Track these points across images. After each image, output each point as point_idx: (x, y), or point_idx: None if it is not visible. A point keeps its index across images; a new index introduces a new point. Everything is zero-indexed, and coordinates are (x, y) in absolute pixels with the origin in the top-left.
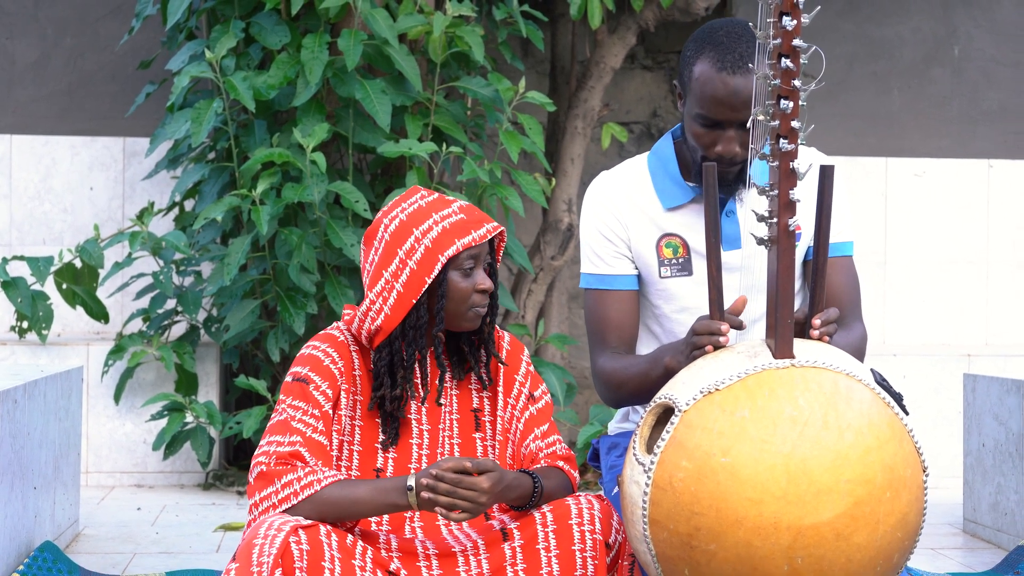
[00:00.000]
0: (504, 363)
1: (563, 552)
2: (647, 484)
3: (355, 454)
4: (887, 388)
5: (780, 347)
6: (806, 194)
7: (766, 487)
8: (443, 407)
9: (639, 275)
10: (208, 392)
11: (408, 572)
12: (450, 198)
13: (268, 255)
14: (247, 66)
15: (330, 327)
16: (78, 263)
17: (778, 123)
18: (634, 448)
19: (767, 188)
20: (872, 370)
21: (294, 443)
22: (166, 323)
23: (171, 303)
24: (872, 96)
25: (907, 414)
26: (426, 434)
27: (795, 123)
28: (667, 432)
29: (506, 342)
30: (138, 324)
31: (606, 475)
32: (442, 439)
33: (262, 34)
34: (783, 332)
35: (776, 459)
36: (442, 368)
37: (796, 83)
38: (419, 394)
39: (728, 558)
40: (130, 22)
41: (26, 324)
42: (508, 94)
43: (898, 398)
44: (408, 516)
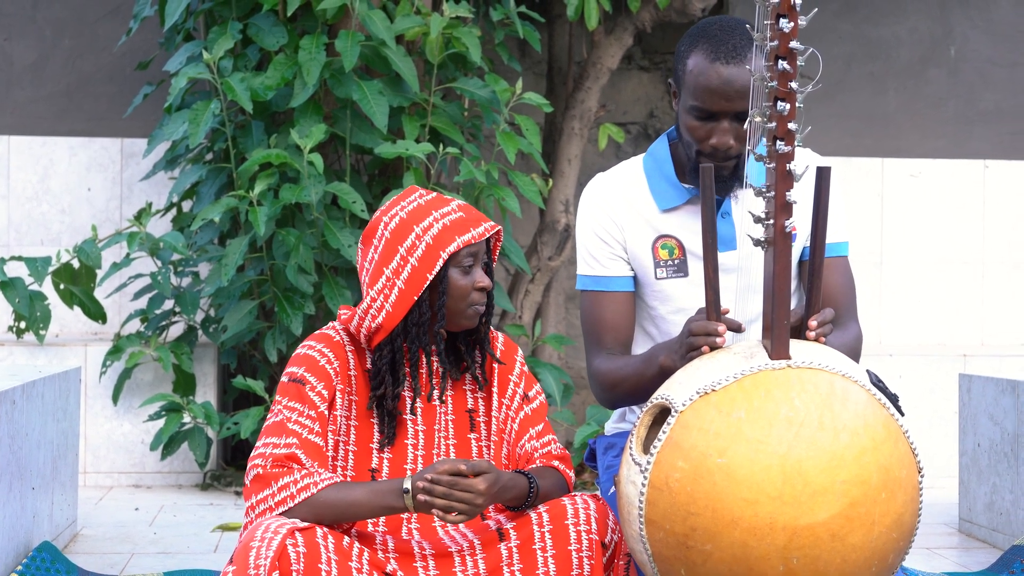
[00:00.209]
0: (500, 361)
1: (559, 552)
2: (643, 484)
3: (350, 454)
4: (883, 389)
5: (776, 348)
6: (802, 195)
7: (762, 488)
8: (438, 408)
9: (635, 276)
10: (206, 392)
11: (405, 573)
12: (448, 197)
13: (266, 256)
14: (245, 67)
15: (325, 327)
16: (76, 263)
17: (775, 125)
18: (630, 448)
19: (764, 189)
20: (868, 371)
21: (290, 445)
22: (164, 324)
23: (169, 304)
24: (868, 96)
25: (902, 415)
26: (421, 435)
27: (792, 125)
28: (663, 433)
29: (500, 343)
30: (136, 325)
31: (603, 475)
32: (437, 439)
33: (259, 35)
34: (779, 333)
35: (772, 460)
36: (444, 365)
37: (793, 85)
38: (423, 392)
39: (724, 558)
40: (128, 23)
41: (24, 324)
42: (505, 95)
43: (893, 399)
44: (405, 517)
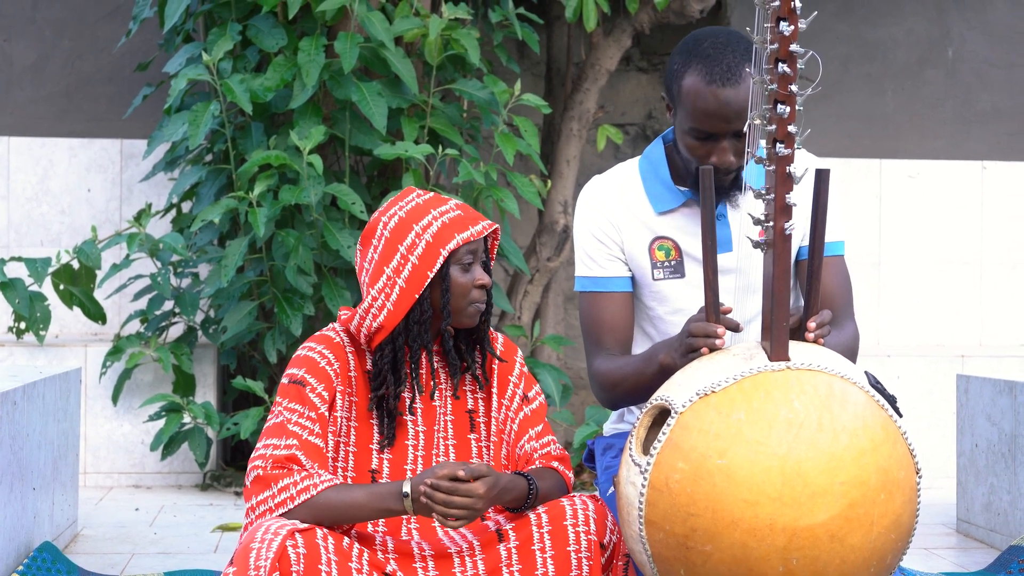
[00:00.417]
0: (502, 359)
1: (558, 553)
2: (643, 485)
3: (350, 455)
4: (881, 390)
5: (776, 350)
6: (799, 195)
7: (762, 489)
8: (438, 408)
9: (633, 277)
10: (206, 393)
11: (404, 573)
12: (445, 196)
13: (265, 257)
14: (244, 69)
15: (325, 328)
16: (76, 264)
17: (775, 128)
18: (630, 449)
19: (763, 192)
20: (866, 372)
21: (290, 446)
22: (164, 324)
23: (169, 304)
24: (866, 98)
25: (900, 416)
26: (421, 435)
27: (792, 128)
28: (663, 434)
29: (500, 344)
30: (136, 325)
31: (601, 476)
32: (437, 440)
33: (259, 37)
34: (779, 335)
35: (772, 461)
36: (454, 361)
37: (793, 88)
38: (423, 391)
39: (724, 559)
40: (127, 24)
41: (24, 325)
42: (504, 96)
43: (892, 400)
44: (404, 518)
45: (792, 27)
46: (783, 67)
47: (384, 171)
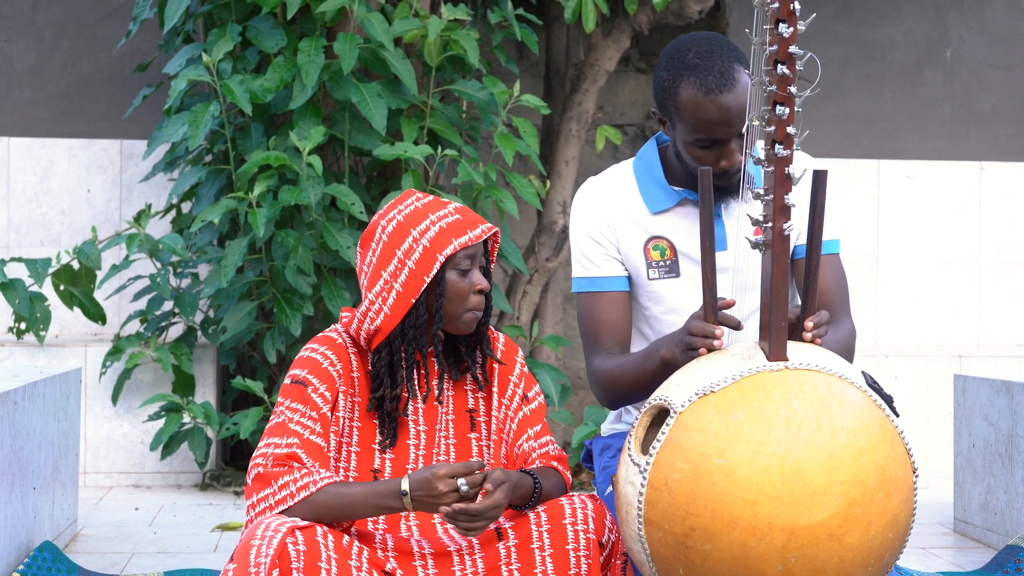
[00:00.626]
0: (501, 361)
1: (557, 551)
2: (643, 485)
3: (352, 455)
4: (878, 390)
5: (774, 350)
6: (795, 195)
7: (761, 488)
8: (439, 408)
9: (629, 277)
10: (205, 393)
11: (404, 572)
12: (445, 200)
13: (265, 257)
14: (244, 69)
15: (328, 329)
16: (76, 265)
17: (774, 129)
18: (629, 449)
19: (762, 193)
20: (863, 372)
21: (291, 445)
22: (163, 324)
23: (168, 305)
24: (865, 98)
25: (898, 416)
26: (423, 435)
27: (791, 129)
28: (662, 433)
29: (500, 343)
30: (135, 326)
31: (599, 476)
32: (438, 439)
33: (259, 38)
34: (777, 335)
35: (771, 460)
36: (441, 366)
37: (792, 89)
38: (419, 393)
39: (723, 558)
40: (127, 25)
41: (24, 325)
42: (503, 97)
43: (889, 400)
44: (404, 516)
45: (791, 29)
46: (782, 69)
47: (383, 172)
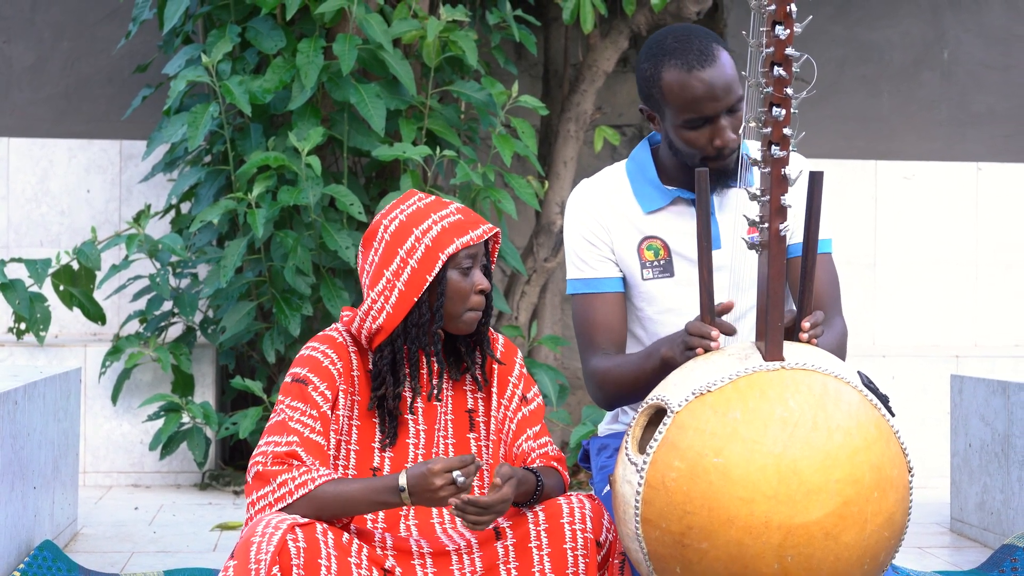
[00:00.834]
0: (501, 361)
1: (555, 550)
2: (640, 484)
3: (352, 454)
4: (874, 390)
5: (770, 350)
6: (791, 195)
7: (757, 487)
8: (439, 408)
9: (624, 278)
10: (204, 393)
11: (403, 570)
12: (447, 200)
13: (264, 257)
14: (243, 70)
15: (328, 328)
16: (75, 265)
17: (770, 130)
18: (626, 448)
19: (759, 193)
20: (859, 372)
21: (291, 443)
22: (163, 325)
23: (168, 305)
24: (862, 99)
25: (893, 415)
26: (422, 434)
27: (787, 130)
28: (659, 433)
29: (500, 344)
30: (135, 326)
31: (596, 475)
32: (437, 439)
33: (258, 39)
34: (773, 335)
35: (767, 459)
36: (441, 365)
37: (788, 91)
38: (422, 392)
39: (719, 556)
40: (127, 26)
41: (24, 326)
42: (501, 98)
43: (884, 400)
44: (403, 515)
45: (787, 31)
46: (778, 71)
47: (382, 172)
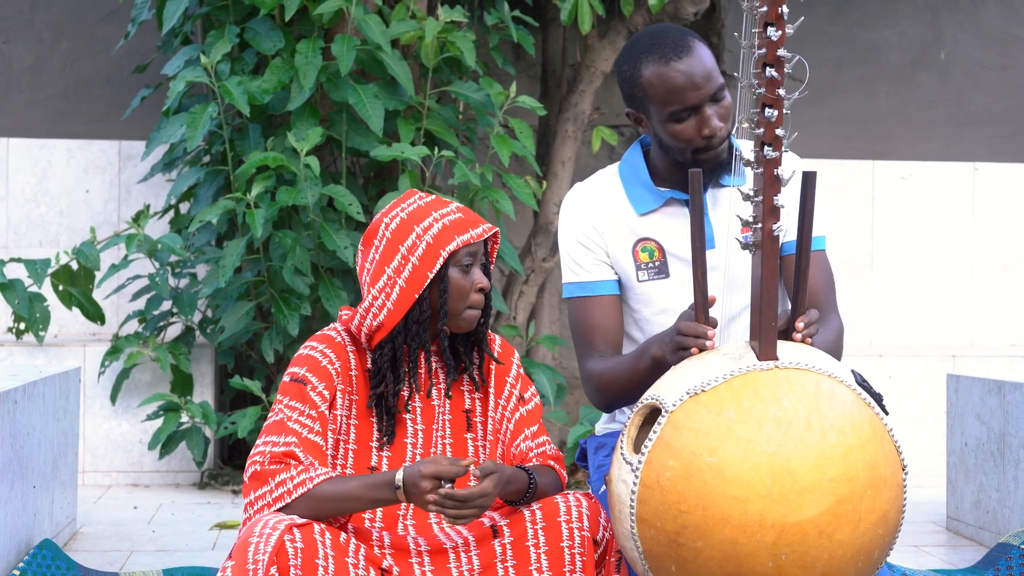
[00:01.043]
0: (499, 361)
1: (552, 548)
2: (635, 483)
3: (350, 453)
4: (867, 389)
5: (764, 349)
6: (784, 194)
7: (751, 486)
8: (437, 407)
9: (619, 280)
10: (203, 392)
11: (400, 569)
12: (446, 199)
13: (262, 257)
14: (242, 71)
15: (327, 328)
16: (74, 265)
17: (763, 131)
18: (622, 448)
19: (752, 194)
20: (853, 371)
21: (289, 443)
22: (162, 324)
23: (167, 305)
24: (859, 99)
25: (887, 414)
26: (420, 433)
27: (779, 131)
28: (654, 432)
29: (497, 345)
30: (134, 325)
31: (593, 474)
32: (435, 438)
33: (257, 39)
34: (767, 335)
35: (761, 458)
36: (447, 361)
37: (781, 92)
38: (422, 390)
39: (714, 555)
40: (126, 27)
41: (23, 325)
42: (499, 98)
43: (878, 398)
44: (401, 514)
45: (779, 33)
46: (770, 72)
47: (380, 172)
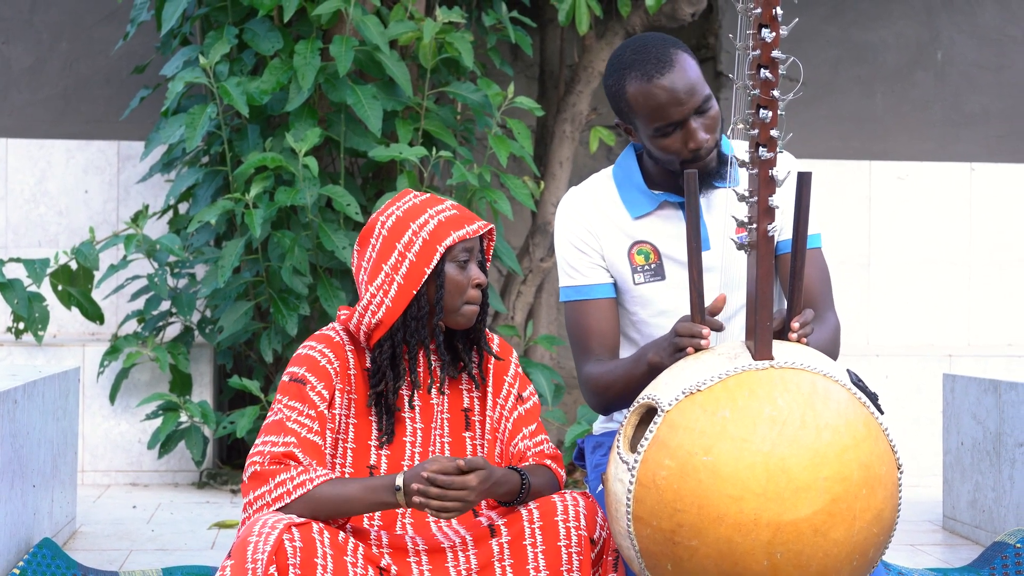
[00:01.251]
0: (499, 357)
1: (549, 548)
2: (631, 482)
3: (349, 452)
4: (863, 388)
5: (760, 349)
6: (779, 194)
7: (746, 485)
8: (436, 406)
9: (615, 283)
10: (202, 392)
11: (399, 568)
12: (441, 197)
13: (261, 258)
14: (240, 72)
15: (325, 328)
16: (74, 265)
17: (757, 132)
18: (618, 447)
19: (747, 195)
20: (848, 370)
21: (288, 443)
22: (161, 324)
23: (166, 305)
24: (856, 100)
25: (882, 413)
26: (419, 432)
27: (774, 132)
28: (650, 432)
29: (496, 344)
30: (133, 325)
31: (591, 473)
32: (434, 437)
33: (255, 40)
34: (763, 334)
35: (756, 457)
36: (443, 357)
37: (775, 93)
38: (420, 388)
39: (710, 553)
40: (125, 27)
41: (22, 325)
42: (497, 99)
43: (873, 398)
44: (399, 513)
45: (773, 34)
46: (765, 73)
47: (379, 173)
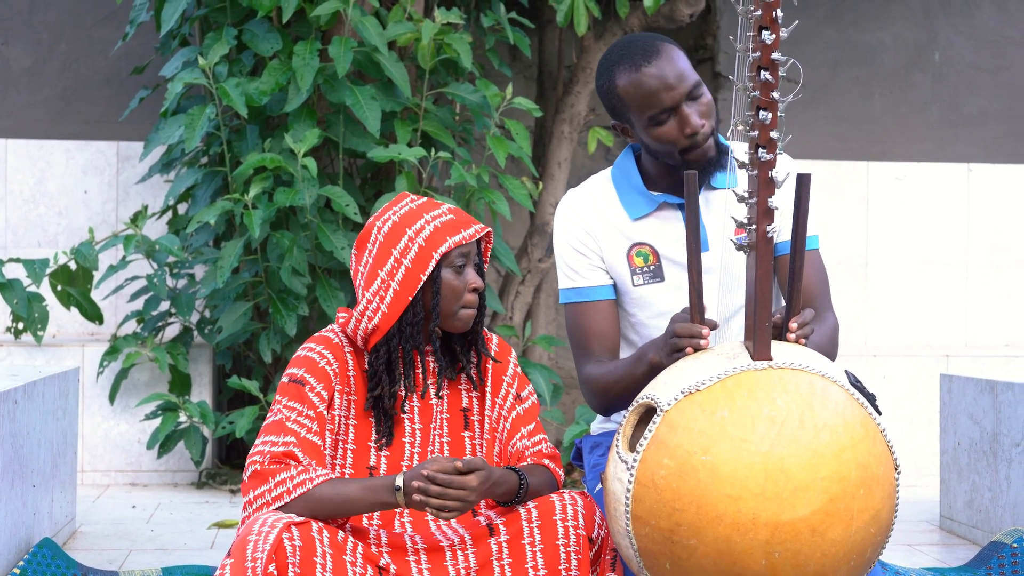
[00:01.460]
0: (496, 359)
1: (547, 547)
2: (630, 481)
3: (349, 452)
4: (861, 389)
5: (758, 349)
6: (778, 195)
7: (745, 484)
8: (435, 406)
9: (615, 285)
10: (201, 392)
11: (398, 567)
12: (438, 201)
13: (260, 258)
14: (239, 72)
15: (325, 329)
16: (73, 265)
17: (757, 133)
18: (617, 446)
19: (746, 196)
20: (846, 371)
21: (288, 443)
22: (160, 325)
23: (165, 305)
24: (854, 101)
25: (880, 414)
26: (418, 432)
27: (774, 133)
28: (649, 431)
29: (494, 344)
30: (132, 326)
31: (589, 473)
32: (433, 437)
33: (254, 41)
34: (761, 335)
35: (755, 457)
36: (440, 362)
37: (775, 95)
38: (417, 390)
39: (708, 553)
40: (124, 28)
41: (22, 325)
42: (495, 100)
43: (871, 398)
44: (398, 512)
45: (773, 36)
46: (765, 75)
47: (377, 173)
